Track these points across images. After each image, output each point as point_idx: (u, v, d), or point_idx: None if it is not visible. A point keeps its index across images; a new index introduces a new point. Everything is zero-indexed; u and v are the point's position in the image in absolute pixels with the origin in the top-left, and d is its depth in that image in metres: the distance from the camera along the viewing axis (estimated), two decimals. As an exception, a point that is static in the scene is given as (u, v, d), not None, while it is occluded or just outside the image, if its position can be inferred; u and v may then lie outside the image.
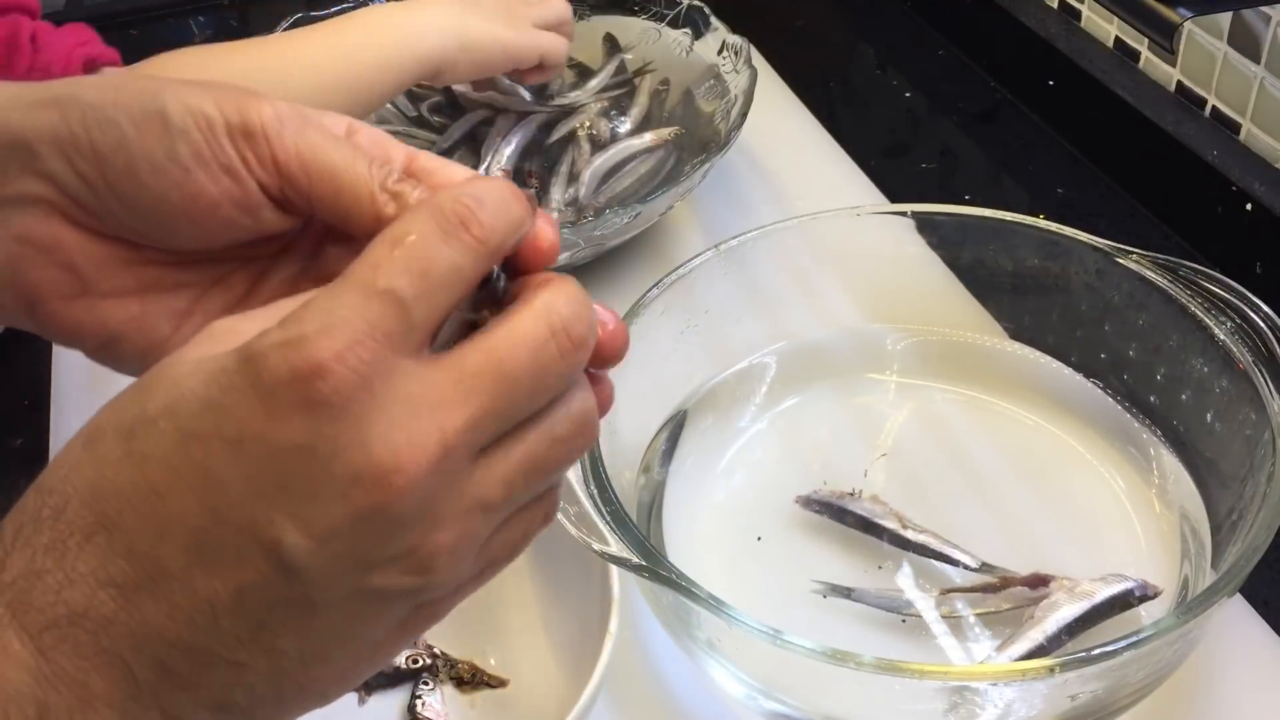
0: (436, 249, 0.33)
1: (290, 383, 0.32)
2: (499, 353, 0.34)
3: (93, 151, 0.39)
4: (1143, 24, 0.59)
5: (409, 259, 0.33)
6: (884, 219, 0.70)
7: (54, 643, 0.33)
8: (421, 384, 0.33)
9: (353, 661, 0.36)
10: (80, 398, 0.74)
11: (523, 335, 0.34)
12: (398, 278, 0.33)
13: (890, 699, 0.50)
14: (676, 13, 0.92)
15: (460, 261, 0.34)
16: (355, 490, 0.32)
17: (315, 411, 0.32)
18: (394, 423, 0.32)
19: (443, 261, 0.33)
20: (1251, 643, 0.59)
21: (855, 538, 0.61)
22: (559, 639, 0.58)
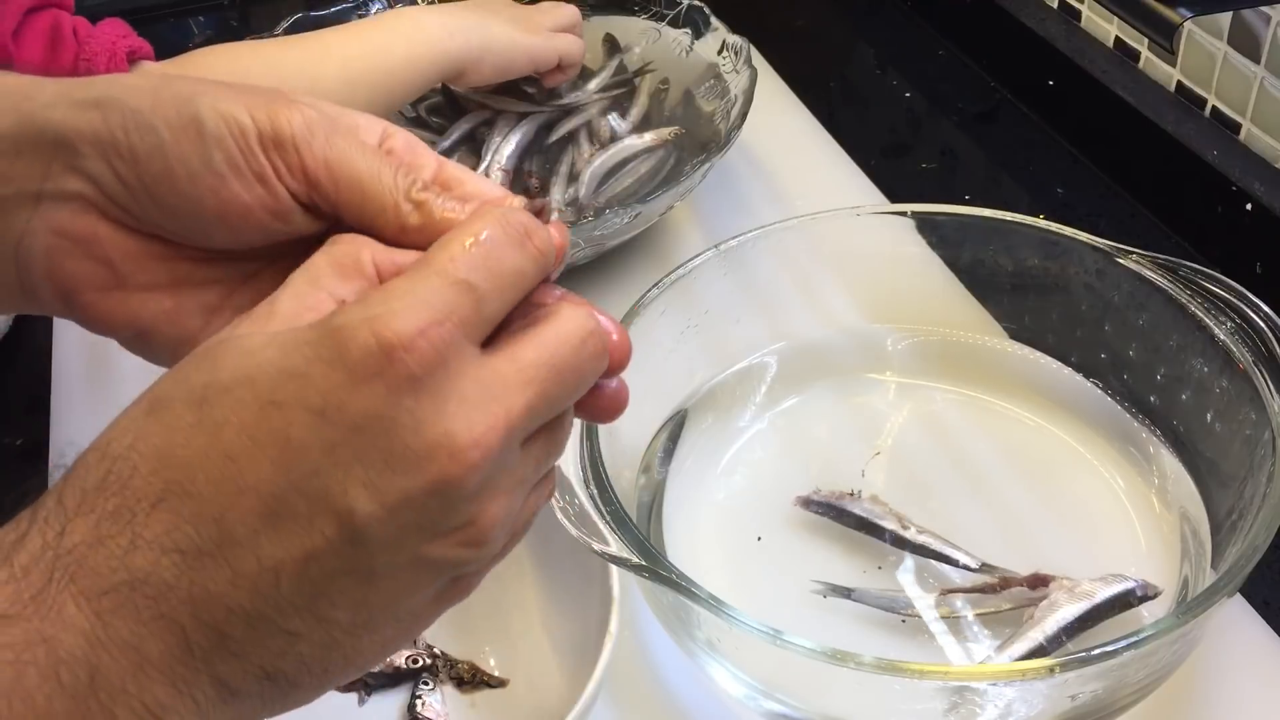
0: (506, 251, 0.37)
1: (376, 354, 0.34)
2: (551, 347, 0.37)
3: (131, 155, 0.41)
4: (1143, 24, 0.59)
5: (484, 256, 0.36)
6: (884, 219, 0.70)
7: (112, 607, 0.33)
8: (489, 370, 0.36)
9: (394, 631, 0.37)
10: (80, 398, 0.74)
11: (569, 334, 0.37)
12: (475, 271, 0.36)
13: (890, 699, 0.50)
14: (676, 13, 0.92)
15: (525, 267, 0.37)
16: (430, 463, 0.34)
17: (398, 383, 0.34)
18: (467, 401, 0.35)
19: (511, 263, 0.37)
20: (1251, 643, 0.59)
21: (855, 538, 0.61)
22: (559, 639, 0.58)
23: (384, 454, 0.34)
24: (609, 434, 0.58)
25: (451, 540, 0.36)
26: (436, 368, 0.34)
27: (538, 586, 0.60)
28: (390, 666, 0.58)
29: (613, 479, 0.55)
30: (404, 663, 0.58)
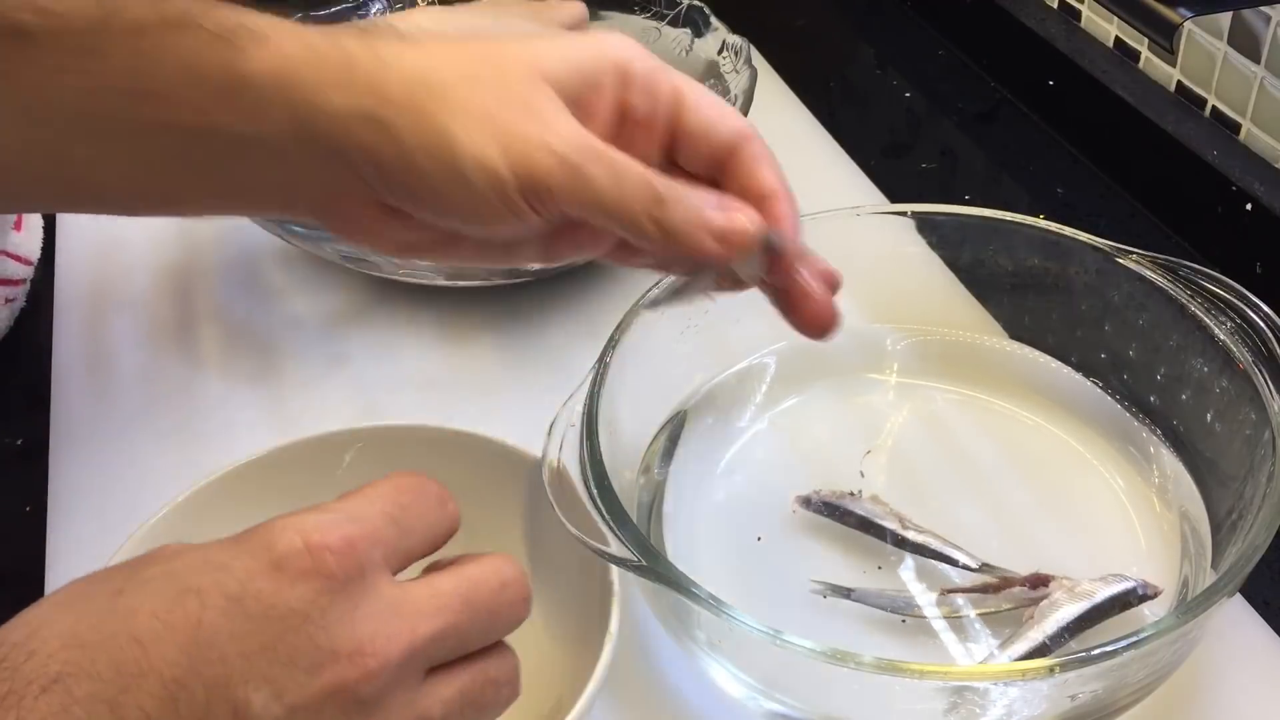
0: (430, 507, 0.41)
1: (302, 553, 0.36)
2: (469, 581, 0.40)
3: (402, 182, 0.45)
4: (1143, 24, 0.59)
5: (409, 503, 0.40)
6: (884, 219, 0.70)
7: None
8: (403, 592, 0.38)
9: None
10: (80, 398, 0.74)
11: (491, 573, 0.40)
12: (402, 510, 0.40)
13: (890, 699, 0.50)
14: (676, 12, 0.92)
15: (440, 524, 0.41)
16: (333, 664, 0.35)
17: (319, 583, 0.36)
18: (375, 614, 0.37)
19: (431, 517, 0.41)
20: (1251, 643, 0.59)
21: (855, 538, 0.61)
22: (559, 639, 0.58)
23: (290, 649, 0.35)
24: (609, 434, 0.58)
25: None
26: (356, 577, 0.36)
27: (538, 586, 0.60)
28: None
29: (613, 479, 0.55)
30: (404, 663, 0.58)
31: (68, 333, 0.80)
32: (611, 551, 0.51)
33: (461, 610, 0.39)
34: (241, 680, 0.34)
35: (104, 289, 0.83)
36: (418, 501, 0.40)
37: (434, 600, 0.38)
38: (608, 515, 0.53)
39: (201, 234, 0.87)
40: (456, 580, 0.39)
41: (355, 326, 0.79)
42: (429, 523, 0.41)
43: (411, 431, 0.60)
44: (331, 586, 0.36)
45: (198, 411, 0.73)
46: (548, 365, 0.75)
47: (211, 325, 0.80)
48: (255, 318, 0.80)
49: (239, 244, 0.85)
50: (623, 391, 0.61)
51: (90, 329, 0.80)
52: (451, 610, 0.39)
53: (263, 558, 0.36)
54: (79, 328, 0.80)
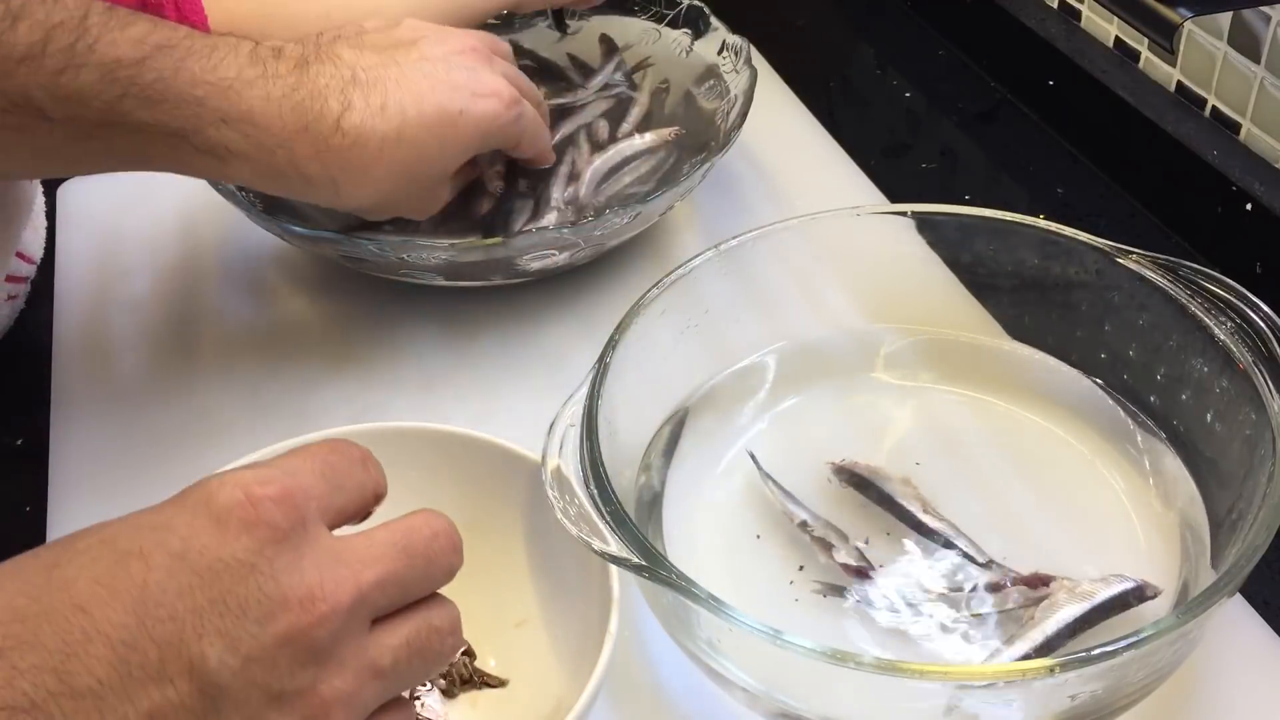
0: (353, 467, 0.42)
1: (244, 504, 0.36)
2: (402, 532, 0.40)
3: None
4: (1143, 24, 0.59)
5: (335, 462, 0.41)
6: (884, 219, 0.70)
7: None
8: (343, 544, 0.39)
9: None
10: (80, 398, 0.75)
11: (421, 524, 0.41)
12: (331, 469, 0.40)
13: (890, 699, 0.50)
14: (676, 13, 0.92)
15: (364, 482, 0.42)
16: (284, 611, 0.36)
17: (262, 533, 0.36)
18: (320, 562, 0.37)
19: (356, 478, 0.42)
20: (1251, 643, 0.59)
21: (856, 537, 0.61)
22: (559, 639, 0.58)
23: (240, 601, 0.35)
24: (609, 434, 0.58)
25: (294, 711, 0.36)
26: (298, 526, 0.37)
27: (538, 586, 0.60)
28: None
29: (613, 479, 0.55)
30: (404, 663, 0.58)
31: (68, 333, 0.80)
32: (611, 551, 0.51)
33: (399, 558, 0.40)
34: (195, 636, 0.34)
35: (104, 289, 0.83)
36: (344, 461, 0.41)
37: (372, 549, 0.39)
38: (608, 515, 0.53)
39: (202, 234, 0.87)
40: (389, 532, 0.40)
41: (355, 327, 0.79)
42: (357, 481, 0.42)
43: (411, 432, 0.60)
44: (275, 536, 0.36)
45: (198, 411, 0.73)
46: (548, 365, 0.76)
47: (211, 325, 0.80)
48: (255, 318, 0.80)
49: (239, 244, 0.85)
50: (623, 391, 0.61)
51: (90, 329, 0.80)
52: (390, 558, 0.39)
53: (202, 513, 0.36)
54: (79, 328, 0.80)
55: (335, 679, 0.37)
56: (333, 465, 0.41)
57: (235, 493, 0.36)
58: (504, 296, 0.79)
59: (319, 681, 0.36)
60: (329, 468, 0.40)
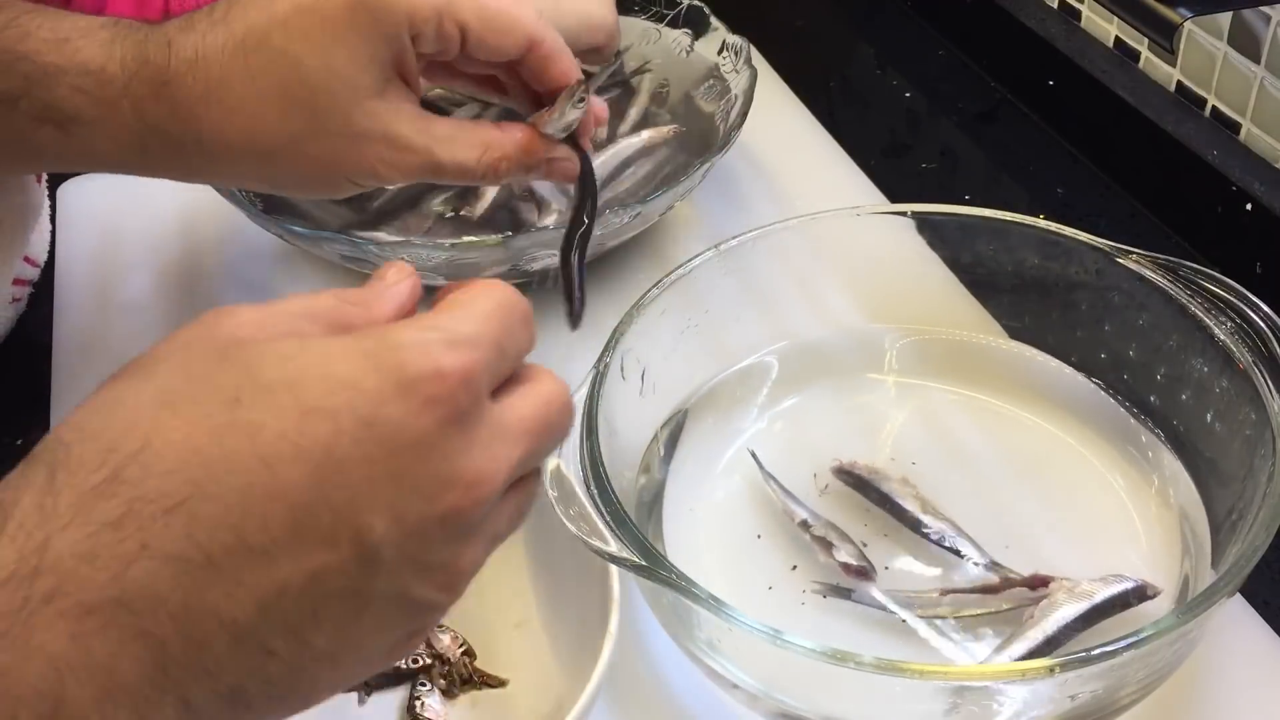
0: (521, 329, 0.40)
1: (435, 379, 0.35)
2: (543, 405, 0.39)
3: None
4: (1143, 24, 0.59)
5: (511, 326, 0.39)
6: (884, 219, 0.70)
7: (95, 628, 0.31)
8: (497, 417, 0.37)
9: (361, 666, 0.37)
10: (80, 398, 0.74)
11: (555, 395, 0.40)
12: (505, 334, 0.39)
13: (890, 699, 0.50)
14: (676, 13, 0.92)
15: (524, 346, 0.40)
16: (449, 492, 0.35)
17: (447, 412, 0.35)
18: (488, 442, 0.36)
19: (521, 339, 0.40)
20: (1251, 643, 0.59)
21: (856, 538, 0.61)
22: (559, 639, 0.58)
23: (414, 478, 0.34)
24: (609, 434, 0.58)
25: (434, 581, 0.36)
26: (475, 404, 0.36)
27: (538, 586, 0.60)
28: (390, 667, 0.58)
29: (613, 479, 0.55)
30: (403, 663, 0.58)
31: (68, 333, 0.80)
32: (611, 551, 0.51)
33: (541, 432, 0.39)
34: (367, 507, 0.34)
35: (104, 289, 0.83)
36: (518, 326, 0.40)
37: (520, 424, 0.38)
38: (608, 515, 0.53)
39: (202, 234, 0.87)
40: (534, 405, 0.39)
41: (355, 326, 0.79)
42: (521, 348, 0.40)
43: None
44: (455, 416, 0.35)
45: (198, 411, 0.73)
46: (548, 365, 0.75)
47: (211, 325, 0.80)
48: (255, 318, 0.80)
49: (239, 244, 0.85)
50: (623, 391, 0.61)
51: (90, 329, 0.80)
52: (533, 434, 0.39)
53: (392, 379, 0.34)
54: (79, 328, 0.80)
55: (472, 550, 0.37)
56: (509, 330, 0.39)
57: (426, 363, 0.35)
58: (504, 296, 0.79)
59: (459, 555, 0.37)
60: (506, 333, 0.39)
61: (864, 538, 0.61)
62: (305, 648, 0.34)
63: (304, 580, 0.33)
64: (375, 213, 0.81)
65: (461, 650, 0.59)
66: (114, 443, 0.33)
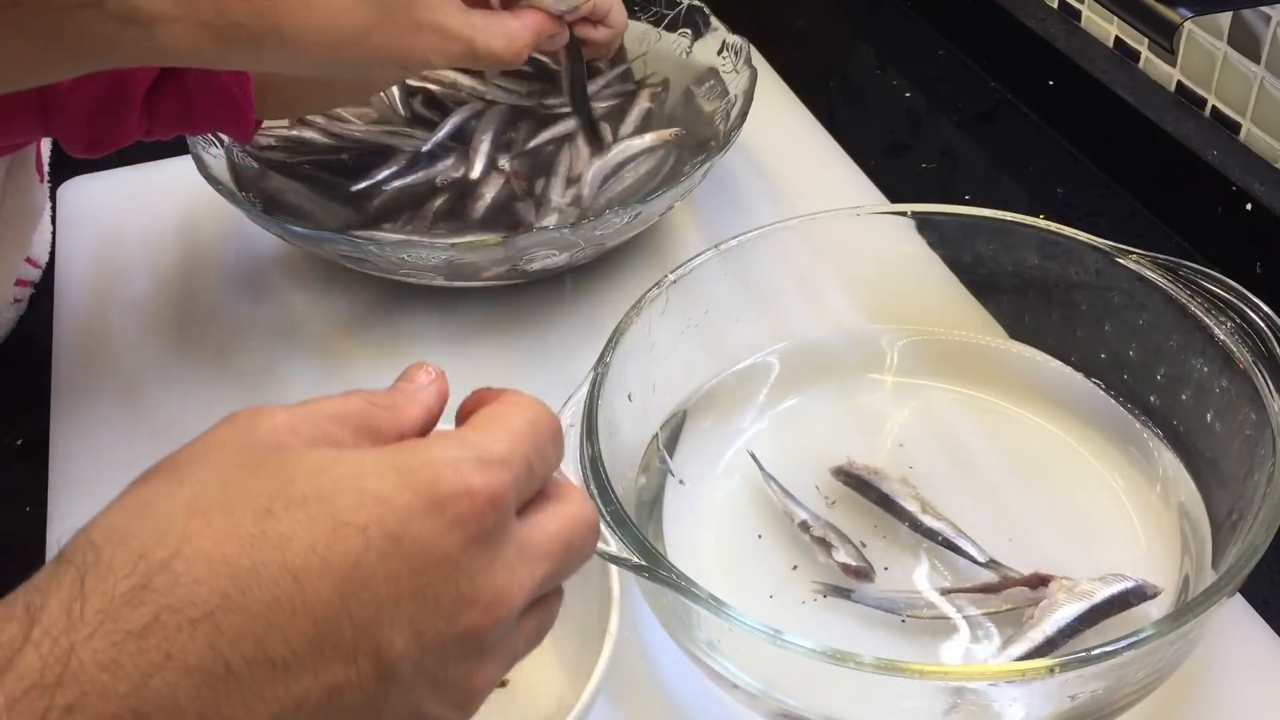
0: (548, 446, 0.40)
1: (465, 499, 0.35)
2: (569, 525, 0.40)
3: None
4: (1143, 24, 0.59)
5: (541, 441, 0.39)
6: (884, 219, 0.70)
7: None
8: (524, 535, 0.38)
9: None
10: (80, 398, 0.75)
11: (580, 516, 0.41)
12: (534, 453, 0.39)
13: (890, 699, 0.50)
14: (676, 13, 0.92)
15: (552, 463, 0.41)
16: (470, 611, 0.36)
17: (475, 532, 0.35)
18: (510, 563, 0.37)
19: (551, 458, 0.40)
20: (1251, 643, 0.59)
21: (856, 538, 0.61)
22: (559, 639, 0.58)
23: (437, 595, 0.35)
24: (609, 434, 0.58)
25: (447, 699, 0.36)
26: (501, 524, 0.36)
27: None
28: None
29: (613, 479, 0.55)
30: (404, 663, 0.58)
31: (68, 333, 0.80)
32: (611, 551, 0.51)
33: (563, 554, 0.40)
34: (389, 623, 0.34)
35: (104, 289, 0.83)
36: (548, 444, 0.40)
37: (547, 544, 0.39)
38: (608, 515, 0.53)
39: (202, 234, 0.87)
40: (560, 525, 0.40)
41: (355, 327, 0.79)
42: (549, 466, 0.41)
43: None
44: (482, 535, 0.36)
45: (197, 411, 0.73)
46: (548, 365, 0.76)
47: (211, 325, 0.80)
48: (255, 318, 0.80)
49: (239, 244, 0.85)
50: (623, 391, 0.61)
51: (90, 329, 0.80)
52: (556, 555, 0.39)
53: (424, 495, 0.35)
54: (79, 328, 0.80)
55: (488, 669, 0.37)
56: (539, 449, 0.39)
57: (457, 481, 0.35)
58: (504, 296, 0.79)
59: (474, 674, 0.37)
60: (536, 453, 0.39)
61: (864, 538, 0.61)
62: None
63: (321, 695, 0.33)
64: (375, 212, 0.81)
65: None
66: (145, 549, 0.33)
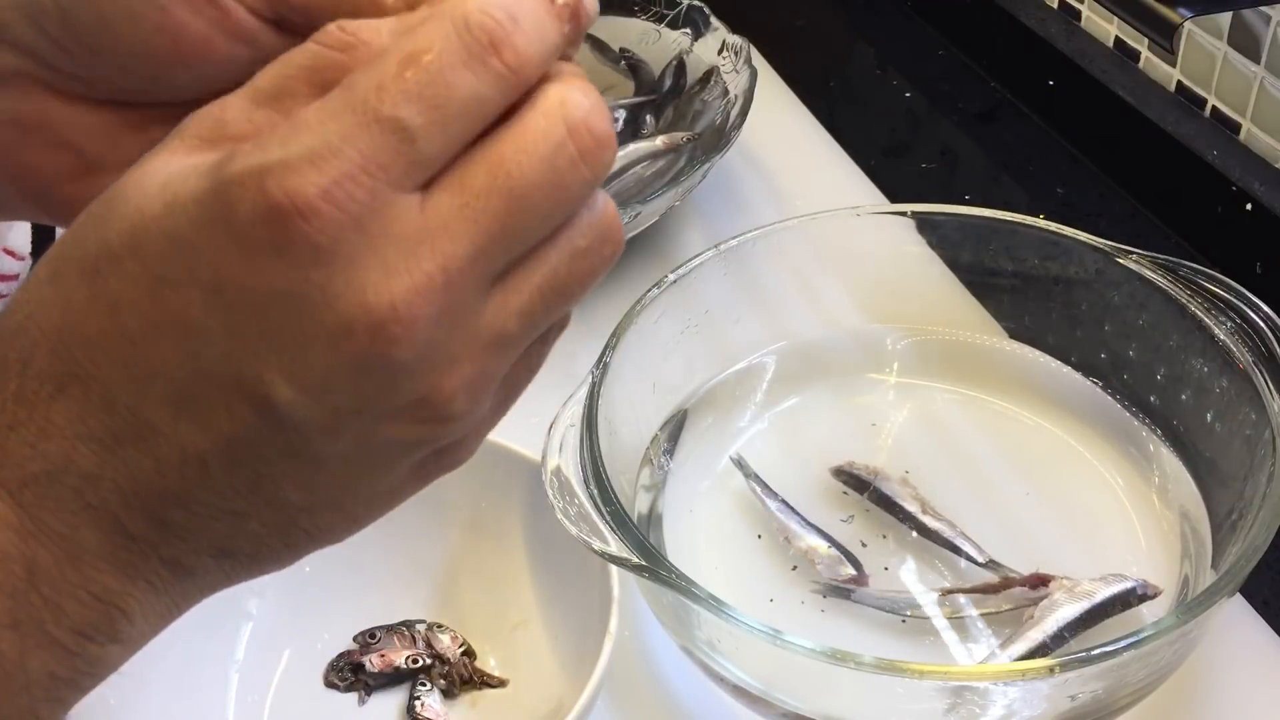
0: (458, 75, 0.28)
1: (267, 221, 0.28)
2: (507, 165, 0.29)
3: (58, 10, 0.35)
4: (1143, 24, 0.59)
5: (423, 84, 0.28)
6: (884, 219, 0.70)
7: (35, 499, 0.30)
8: (424, 215, 0.29)
9: (366, 508, 0.34)
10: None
11: (535, 140, 0.29)
12: (406, 105, 0.28)
13: (890, 699, 0.50)
14: (676, 13, 0.92)
15: (484, 92, 0.29)
16: (348, 341, 0.29)
17: (298, 255, 0.28)
18: (390, 265, 0.29)
19: (463, 90, 0.29)
20: (1251, 643, 0.59)
21: (855, 539, 0.61)
22: (559, 639, 0.58)
23: (294, 335, 0.29)
24: (609, 434, 0.58)
25: (406, 419, 0.31)
26: (347, 232, 0.28)
27: (538, 586, 0.60)
28: (390, 666, 0.58)
29: (613, 479, 0.55)
30: (404, 663, 0.58)
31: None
32: (611, 551, 0.51)
33: (503, 207, 0.29)
34: (254, 376, 0.29)
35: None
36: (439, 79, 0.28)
37: (464, 210, 0.29)
38: (608, 515, 0.53)
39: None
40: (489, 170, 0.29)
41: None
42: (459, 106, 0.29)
43: (411, 431, 0.60)
44: (318, 257, 0.28)
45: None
46: (548, 365, 0.75)
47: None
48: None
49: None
50: (623, 391, 0.61)
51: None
52: (488, 214, 0.29)
53: (226, 228, 0.28)
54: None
55: (448, 379, 0.30)
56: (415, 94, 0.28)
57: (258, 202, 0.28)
58: (504, 296, 0.79)
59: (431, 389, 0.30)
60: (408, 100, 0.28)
61: (864, 538, 0.61)
62: (279, 505, 0.32)
63: (222, 451, 0.30)
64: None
65: (461, 650, 0.59)
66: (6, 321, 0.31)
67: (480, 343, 0.31)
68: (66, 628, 0.31)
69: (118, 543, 0.31)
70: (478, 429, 0.34)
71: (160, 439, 0.30)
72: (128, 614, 0.32)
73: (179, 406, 0.30)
